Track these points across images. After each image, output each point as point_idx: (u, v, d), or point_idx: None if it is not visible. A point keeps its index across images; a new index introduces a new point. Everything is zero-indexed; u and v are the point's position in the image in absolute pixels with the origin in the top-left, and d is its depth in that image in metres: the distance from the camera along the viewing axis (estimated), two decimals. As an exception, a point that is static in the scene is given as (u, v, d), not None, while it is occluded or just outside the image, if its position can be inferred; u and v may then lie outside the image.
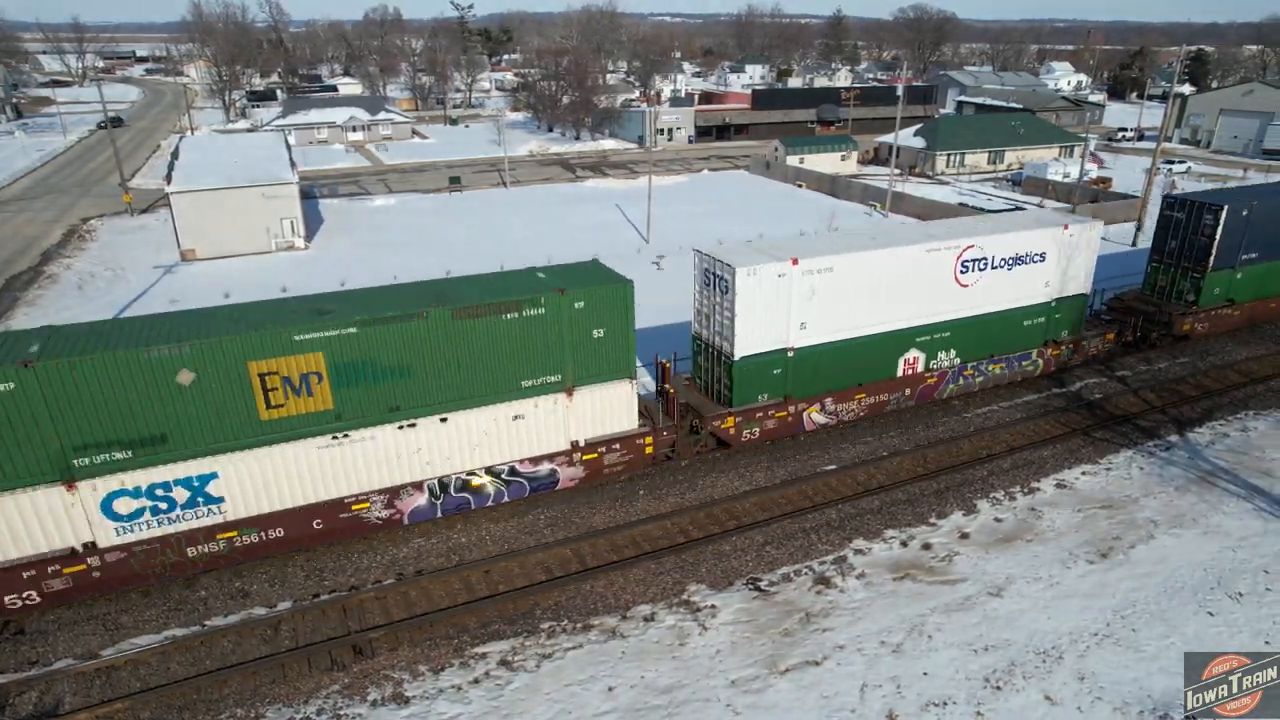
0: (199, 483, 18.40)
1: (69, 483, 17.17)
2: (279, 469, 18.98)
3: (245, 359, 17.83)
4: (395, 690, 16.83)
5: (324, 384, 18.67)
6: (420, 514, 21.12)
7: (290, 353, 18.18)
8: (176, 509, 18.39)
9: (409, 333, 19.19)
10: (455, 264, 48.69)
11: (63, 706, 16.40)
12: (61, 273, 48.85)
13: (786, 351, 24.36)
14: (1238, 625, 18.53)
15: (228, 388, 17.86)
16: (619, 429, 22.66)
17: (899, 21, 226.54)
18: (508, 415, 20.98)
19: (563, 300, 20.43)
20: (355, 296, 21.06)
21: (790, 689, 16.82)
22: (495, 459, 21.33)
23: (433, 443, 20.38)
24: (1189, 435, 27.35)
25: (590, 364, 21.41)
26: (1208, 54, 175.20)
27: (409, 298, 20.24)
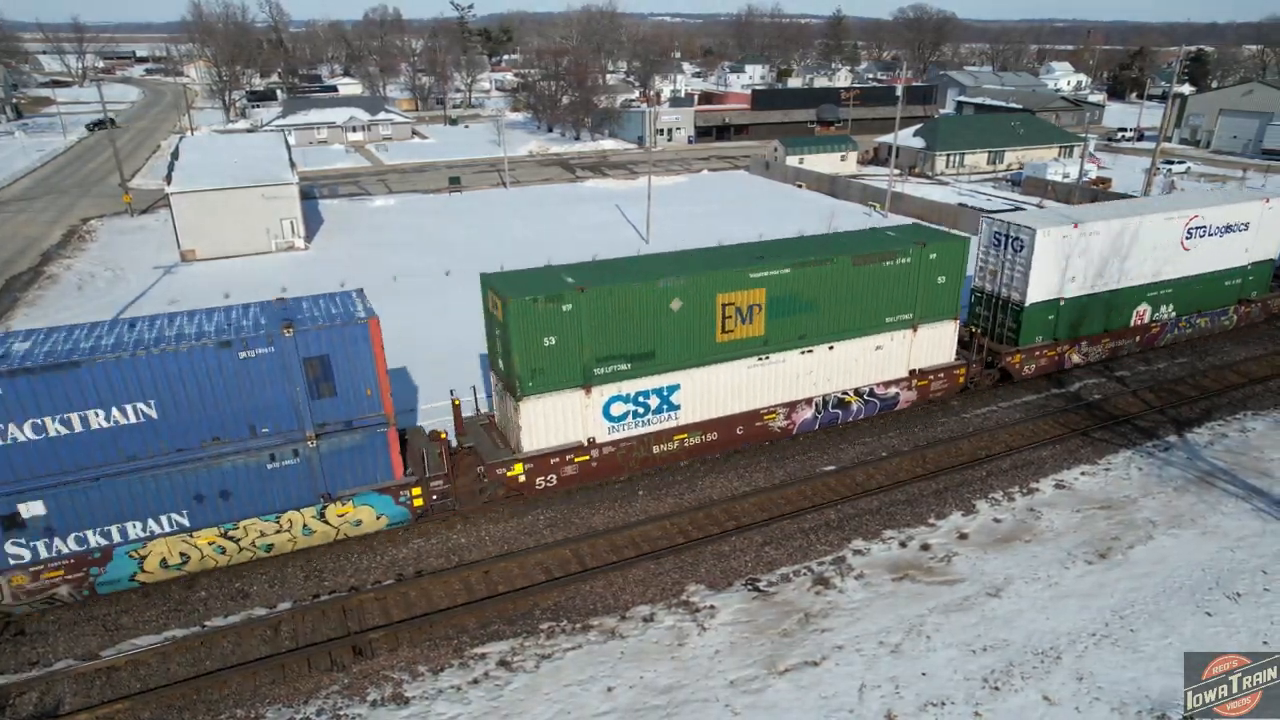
0: (667, 392, 23.20)
1: (587, 388, 21.90)
2: (720, 383, 23.82)
3: (716, 291, 22.49)
4: (395, 690, 16.86)
5: (761, 314, 23.48)
6: (805, 425, 25.91)
7: (745, 287, 22.85)
8: (649, 413, 23.24)
9: (821, 274, 23.87)
10: (455, 264, 48.73)
11: (63, 707, 16.43)
12: (61, 273, 48.87)
13: (1059, 301, 29.16)
14: (1236, 625, 18.56)
15: (701, 315, 22.61)
16: (943, 361, 27.59)
17: (899, 21, 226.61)
18: (873, 346, 25.77)
19: (923, 252, 25.08)
20: (757, 248, 25.79)
21: (789, 689, 16.85)
22: (861, 382, 26.21)
23: (822, 366, 25.21)
24: (1187, 436, 27.39)
25: (932, 305, 26.20)
26: (1207, 54, 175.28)
27: (804, 249, 25.08)
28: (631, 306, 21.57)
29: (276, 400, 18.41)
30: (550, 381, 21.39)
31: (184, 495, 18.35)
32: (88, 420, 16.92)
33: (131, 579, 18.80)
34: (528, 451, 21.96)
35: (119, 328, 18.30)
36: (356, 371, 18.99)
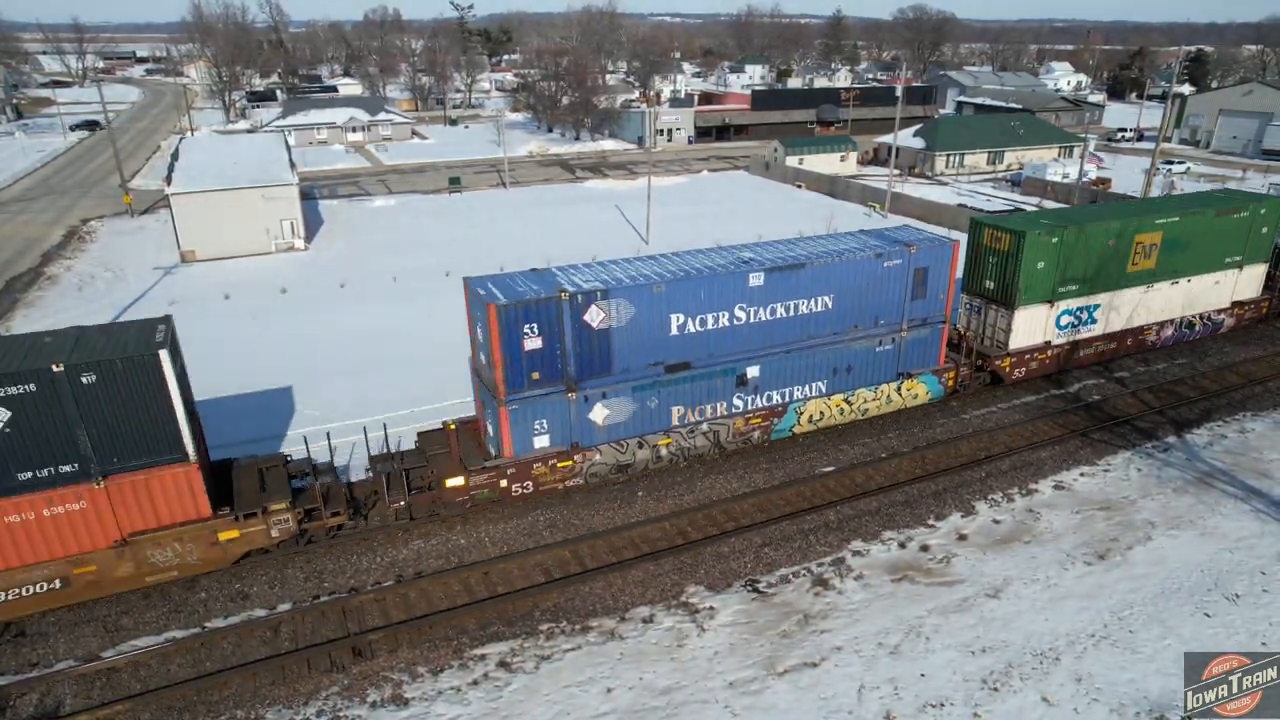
0: (1092, 309, 30.37)
1: (1051, 303, 29.17)
2: (1124, 304, 31.08)
3: (1136, 232, 29.76)
4: (394, 691, 16.88)
5: (1155, 251, 30.59)
6: (1166, 340, 33.42)
7: (1151, 231, 30.12)
8: (1079, 325, 30.35)
9: (1196, 222, 31.16)
10: (455, 264, 48.75)
11: (63, 708, 16.46)
12: (61, 274, 48.90)
13: None
14: (1235, 626, 18.58)
15: (1121, 251, 29.71)
16: (1251, 296, 35.08)
17: (899, 21, 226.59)
18: (1213, 281, 33.16)
19: (1256, 208, 32.62)
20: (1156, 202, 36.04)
21: (788, 690, 16.87)
22: (1203, 309, 33.61)
23: (1182, 295, 32.59)
24: (1187, 436, 27.41)
25: (1251, 251, 33.51)
26: (1207, 54, 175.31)
27: (1181, 204, 33.53)
28: (1088, 243, 28.66)
29: (893, 299, 25.39)
30: (1034, 296, 28.57)
31: (829, 368, 25.50)
32: (798, 307, 23.99)
33: (790, 430, 25.95)
34: (1011, 349, 29.12)
35: (804, 244, 25.85)
36: (939, 281, 25.87)
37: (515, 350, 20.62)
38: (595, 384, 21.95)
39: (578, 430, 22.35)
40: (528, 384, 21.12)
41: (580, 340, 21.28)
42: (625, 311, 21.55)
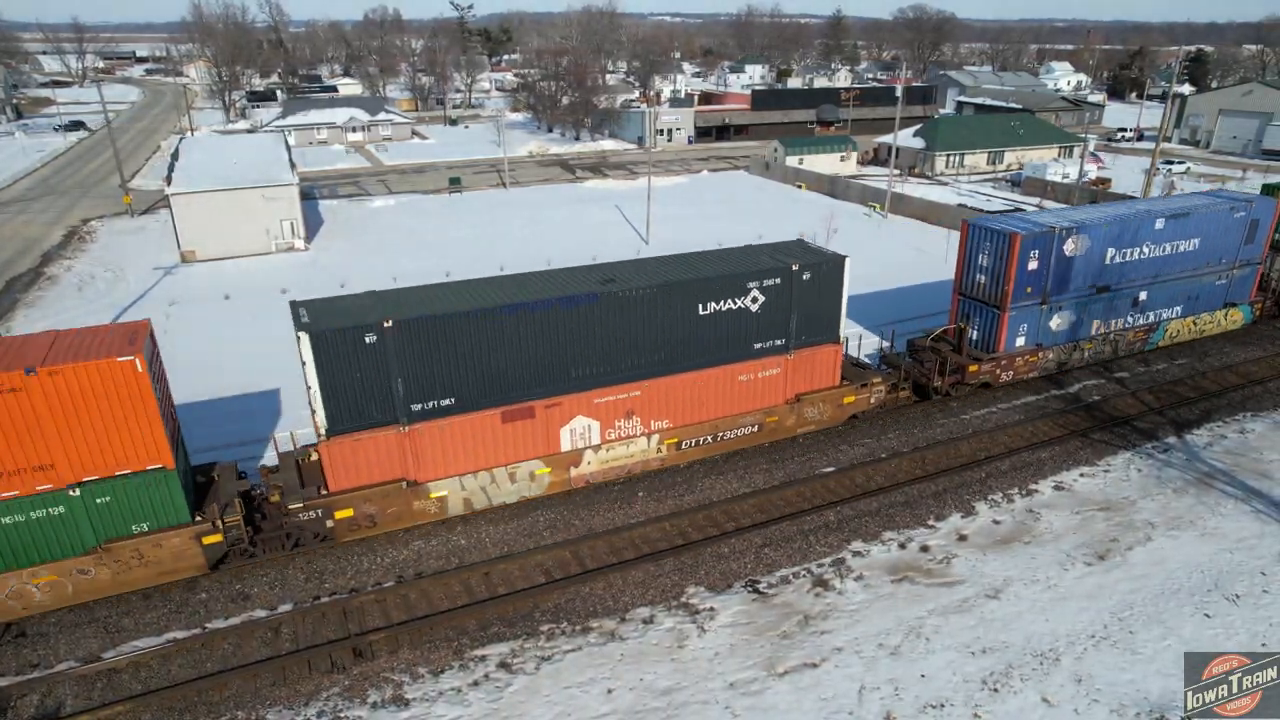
0: None
1: None
2: None
3: None
4: (395, 692, 16.89)
5: None
6: None
7: None
8: None
9: None
10: (456, 264, 48.74)
11: (64, 709, 16.47)
12: (62, 274, 48.90)
13: None
14: (1235, 627, 18.59)
15: None
16: None
17: (899, 21, 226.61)
18: None
19: None
20: None
21: (789, 691, 16.88)
22: None
23: None
24: (1187, 437, 27.42)
25: None
26: (1207, 54, 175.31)
27: None
28: None
29: (1233, 244, 32.50)
30: None
31: (1186, 295, 32.58)
32: (1179, 246, 31.23)
33: (1156, 344, 33.19)
34: None
35: (1176, 200, 33.96)
36: (1263, 231, 33.11)
37: (1023, 271, 27.88)
38: (1057, 298, 29.29)
39: (1041, 334, 29.78)
40: (1024, 297, 28.48)
41: (1058, 264, 28.56)
42: (1084, 244, 28.85)
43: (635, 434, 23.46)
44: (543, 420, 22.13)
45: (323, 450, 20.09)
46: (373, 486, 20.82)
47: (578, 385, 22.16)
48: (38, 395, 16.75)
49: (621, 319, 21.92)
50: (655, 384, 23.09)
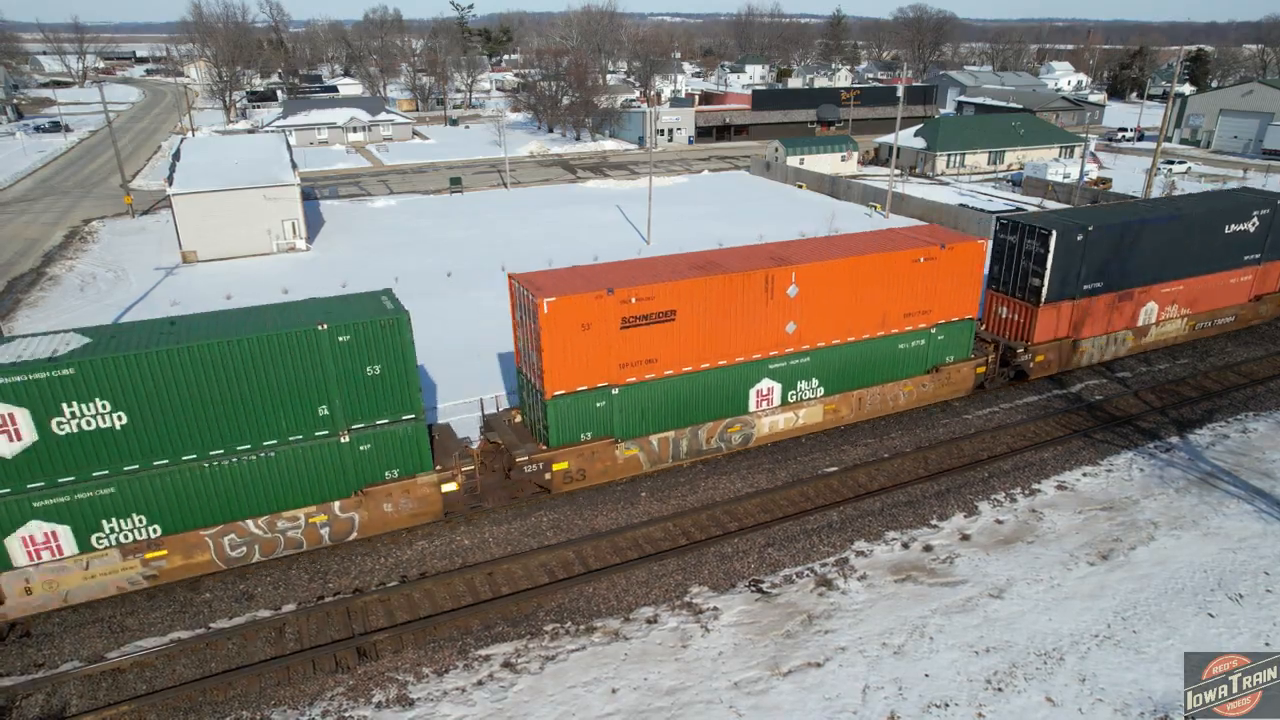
0: None
1: None
2: None
3: None
4: (399, 692, 16.91)
5: None
6: None
7: None
8: None
9: None
10: (457, 265, 48.79)
11: (69, 709, 16.49)
12: (63, 274, 48.91)
13: None
14: (1238, 626, 18.62)
15: None
16: None
17: (899, 21, 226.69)
18: None
19: None
20: None
21: (792, 690, 16.90)
22: None
23: None
24: (1189, 437, 27.43)
25: None
26: (1207, 54, 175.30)
27: None
28: None
29: None
30: None
31: None
32: None
33: None
34: None
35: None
36: None
37: None
38: None
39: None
40: None
41: None
42: None
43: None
44: None
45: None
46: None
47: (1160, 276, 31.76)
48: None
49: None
50: (1193, 282, 32.63)
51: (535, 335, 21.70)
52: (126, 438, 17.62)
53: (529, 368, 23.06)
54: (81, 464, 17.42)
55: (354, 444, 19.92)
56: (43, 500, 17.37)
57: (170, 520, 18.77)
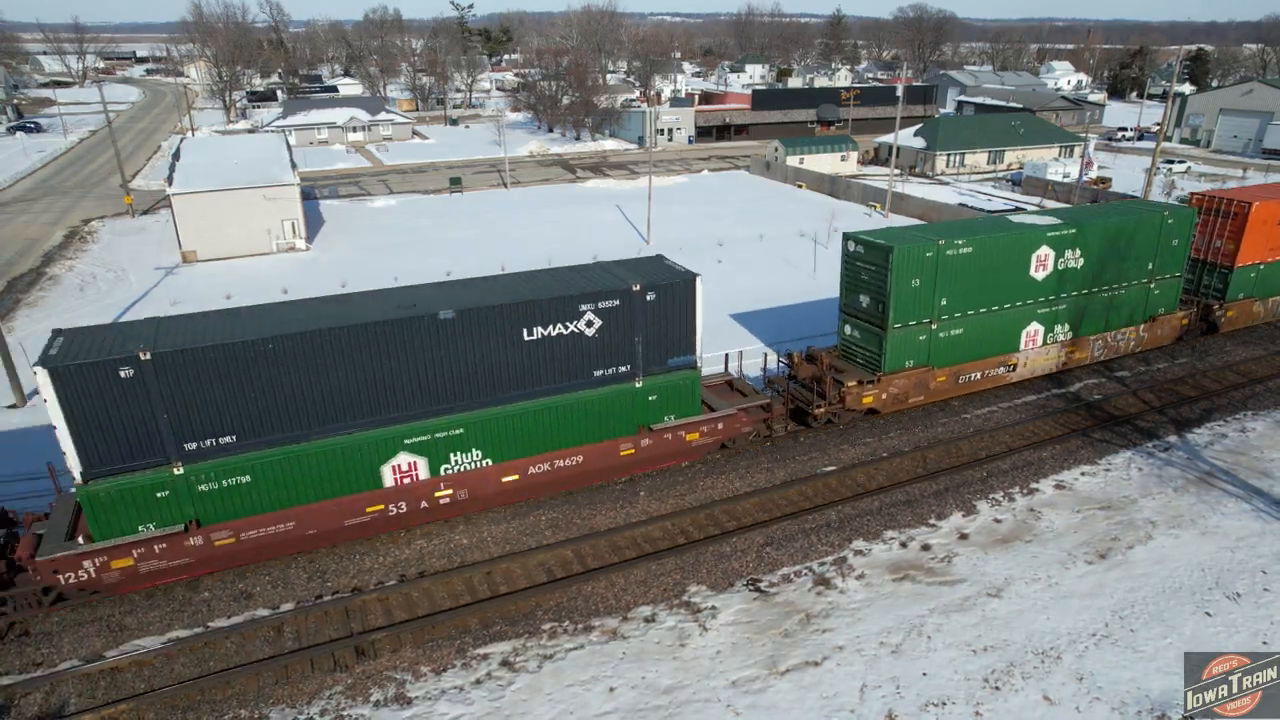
0: None
1: None
2: None
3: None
4: (398, 691, 16.93)
5: None
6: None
7: None
8: None
9: None
10: (456, 264, 48.80)
11: (68, 708, 16.50)
12: (63, 274, 48.96)
13: None
14: (1236, 626, 18.62)
15: None
16: None
17: (899, 21, 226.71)
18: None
19: None
20: None
21: (790, 689, 16.91)
22: None
23: None
24: (1187, 436, 27.44)
25: None
26: (1207, 53, 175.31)
27: None
28: None
29: None
30: None
31: None
32: None
33: None
34: None
35: None
36: None
37: None
38: None
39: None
40: None
41: None
42: None
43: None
44: None
45: None
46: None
47: None
48: None
49: None
50: None
51: None
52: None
53: None
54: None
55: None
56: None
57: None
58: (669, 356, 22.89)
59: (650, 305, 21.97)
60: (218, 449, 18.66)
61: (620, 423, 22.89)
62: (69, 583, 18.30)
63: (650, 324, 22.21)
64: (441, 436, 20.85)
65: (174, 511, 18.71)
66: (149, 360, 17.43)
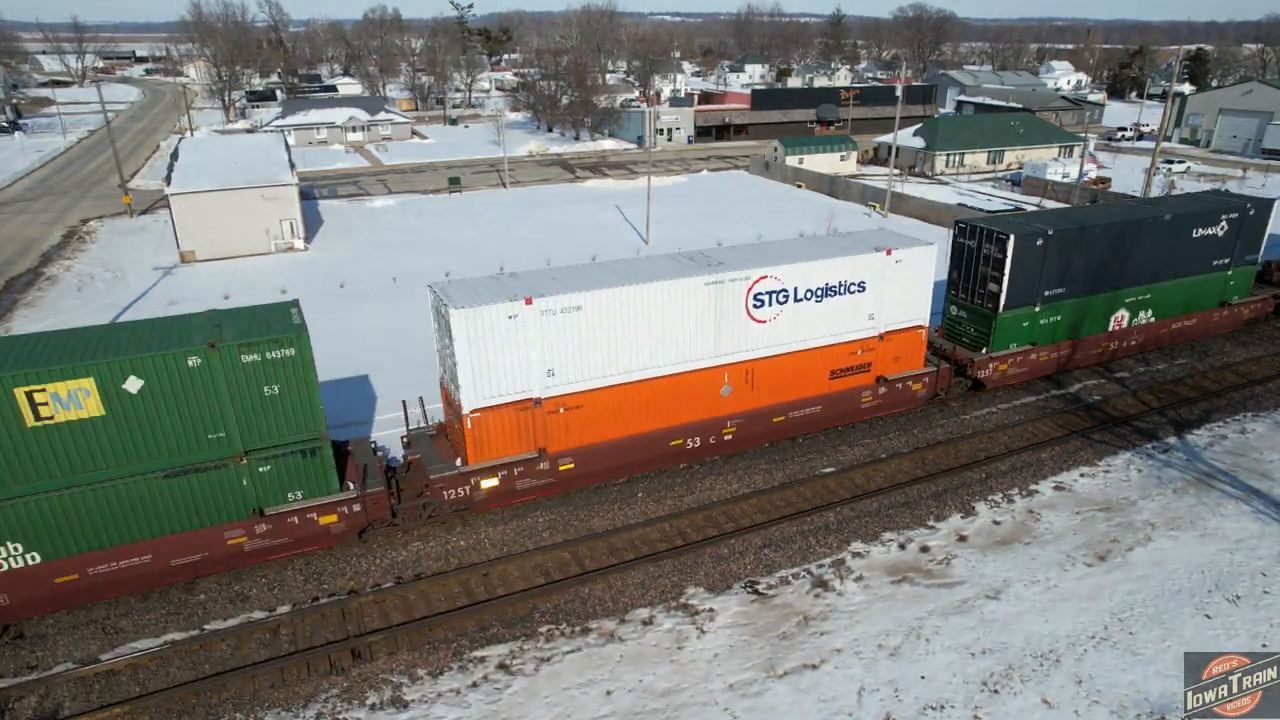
0: None
1: None
2: None
3: None
4: (394, 694, 16.86)
5: None
6: None
7: None
8: None
9: None
10: (456, 264, 48.72)
11: (62, 711, 16.43)
12: (61, 274, 48.86)
13: None
14: (1235, 628, 18.56)
15: None
16: None
17: (898, 21, 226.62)
18: None
19: None
20: None
21: (788, 692, 16.85)
22: None
23: None
24: (1187, 437, 27.38)
25: None
26: (1207, 53, 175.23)
27: None
28: None
29: None
30: None
31: None
32: None
33: None
34: None
35: None
36: None
37: None
38: None
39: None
40: None
41: None
42: None
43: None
44: None
45: None
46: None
47: None
48: None
49: None
50: None
51: None
52: None
53: None
54: None
55: None
56: None
57: None
58: None
59: None
60: None
61: None
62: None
63: None
64: None
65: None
66: None
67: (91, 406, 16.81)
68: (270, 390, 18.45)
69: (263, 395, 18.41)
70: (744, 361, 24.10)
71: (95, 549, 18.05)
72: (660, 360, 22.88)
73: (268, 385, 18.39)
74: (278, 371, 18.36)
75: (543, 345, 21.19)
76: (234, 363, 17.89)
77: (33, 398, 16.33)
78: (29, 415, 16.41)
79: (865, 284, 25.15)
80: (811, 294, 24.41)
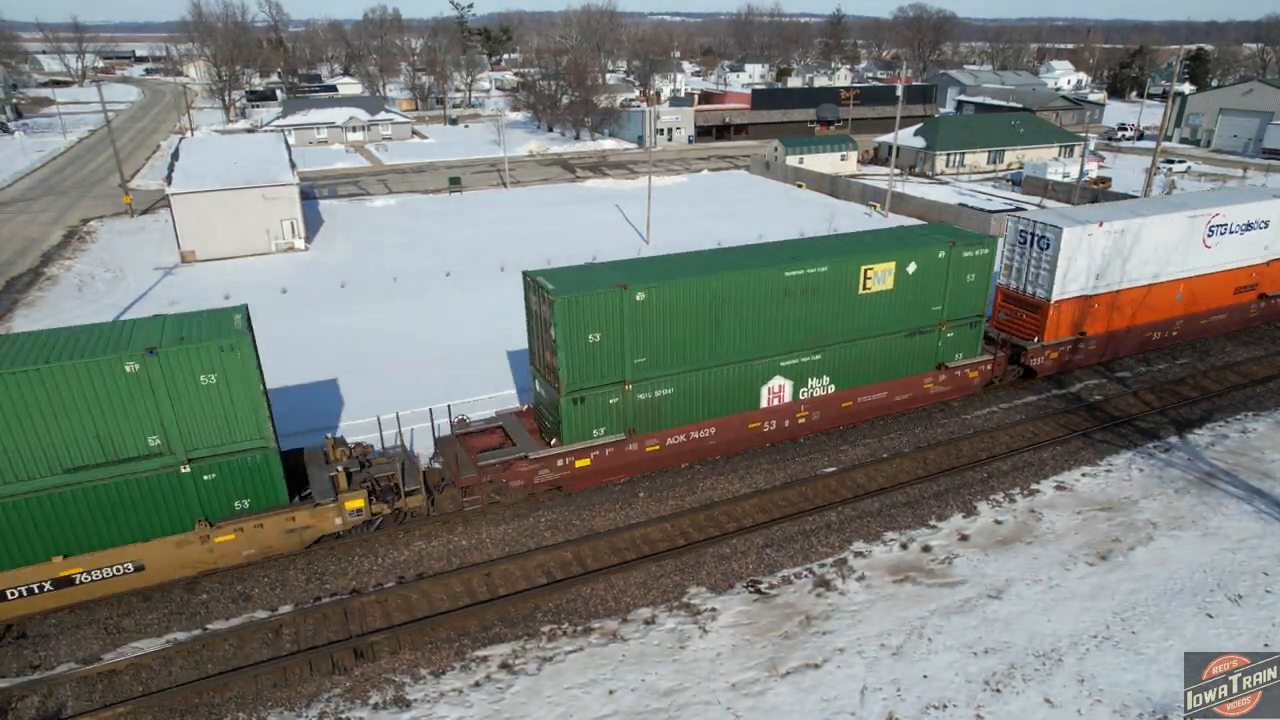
0: None
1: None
2: None
3: None
4: (396, 693, 16.87)
5: None
6: None
7: None
8: None
9: None
10: (456, 264, 48.75)
11: (65, 711, 16.44)
12: (61, 274, 48.85)
13: None
14: (1237, 627, 18.57)
15: None
16: None
17: (899, 21, 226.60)
18: None
19: None
20: None
21: (790, 692, 16.86)
22: None
23: None
24: (1188, 437, 27.39)
25: None
26: (1207, 53, 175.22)
27: None
28: None
29: None
30: None
31: None
32: None
33: None
34: None
35: None
36: None
37: None
38: None
39: None
40: None
41: None
42: None
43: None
44: None
45: None
46: None
47: None
48: None
49: None
50: None
51: None
52: None
53: None
54: None
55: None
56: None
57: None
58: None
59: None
60: None
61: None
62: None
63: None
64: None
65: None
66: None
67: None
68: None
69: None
70: (1191, 278, 32.17)
71: None
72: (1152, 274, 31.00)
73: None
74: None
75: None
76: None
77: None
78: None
79: (1269, 223, 33.44)
80: (1240, 228, 32.63)
